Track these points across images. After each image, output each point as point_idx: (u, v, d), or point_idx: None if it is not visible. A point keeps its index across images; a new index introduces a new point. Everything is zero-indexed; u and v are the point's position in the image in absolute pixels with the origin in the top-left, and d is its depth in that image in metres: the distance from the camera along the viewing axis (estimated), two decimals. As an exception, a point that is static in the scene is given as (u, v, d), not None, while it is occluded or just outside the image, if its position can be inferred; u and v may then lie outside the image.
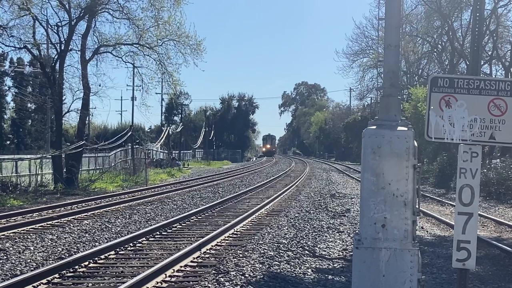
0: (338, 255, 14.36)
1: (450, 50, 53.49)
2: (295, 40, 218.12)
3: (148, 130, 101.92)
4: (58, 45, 37.09)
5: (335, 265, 13.28)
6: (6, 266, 12.76)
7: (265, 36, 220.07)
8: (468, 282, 6.22)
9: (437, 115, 6.30)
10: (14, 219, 20.50)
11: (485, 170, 31.19)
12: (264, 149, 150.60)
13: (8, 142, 67.97)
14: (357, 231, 7.08)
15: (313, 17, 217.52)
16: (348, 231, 18.07)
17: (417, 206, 6.79)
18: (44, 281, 11.27)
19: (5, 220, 20.28)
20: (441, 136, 6.32)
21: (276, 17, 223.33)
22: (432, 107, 6.31)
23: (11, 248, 14.89)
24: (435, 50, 58.70)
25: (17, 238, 16.64)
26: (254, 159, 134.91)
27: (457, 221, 6.18)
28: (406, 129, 6.89)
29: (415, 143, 6.86)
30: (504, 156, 34.50)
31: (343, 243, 15.99)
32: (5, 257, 13.74)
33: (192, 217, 21.06)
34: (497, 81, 6.36)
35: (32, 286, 10.85)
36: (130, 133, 53.87)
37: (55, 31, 37.09)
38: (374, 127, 6.94)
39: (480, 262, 13.07)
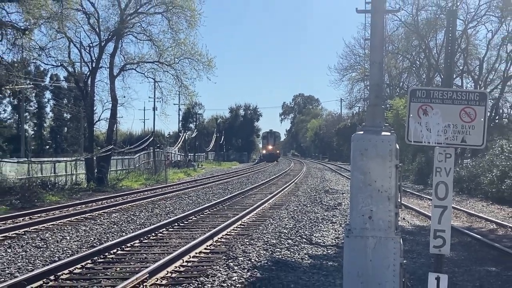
0: (331, 243, 14.37)
1: (426, 65, 53.55)
2: (293, 57, 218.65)
3: (167, 136, 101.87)
4: (90, 63, 37.37)
5: (328, 251, 13.29)
6: (46, 253, 12.81)
7: (268, 54, 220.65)
8: (443, 265, 6.21)
9: (415, 121, 6.30)
10: (53, 213, 20.56)
11: (458, 169, 31.17)
12: (264, 151, 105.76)
13: (47, 147, 68.05)
14: (347, 222, 7.07)
15: (309, 38, 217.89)
16: (340, 222, 18.08)
17: (399, 200, 6.80)
18: (79, 266, 11.31)
19: (44, 213, 20.34)
20: (419, 140, 6.32)
21: (278, 38, 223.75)
22: (411, 115, 6.31)
23: (50, 238, 14.94)
24: (413, 65, 58.67)
25: (55, 229, 16.69)
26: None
27: (433, 213, 6.18)
28: (389, 134, 6.90)
29: (397, 146, 6.86)
30: (474, 157, 34.41)
31: (336, 232, 16.00)
32: (45, 246, 13.79)
33: (205, 210, 21.10)
34: (467, 92, 6.37)
35: (69, 270, 10.88)
36: (152, 138, 53.94)
37: (87, 51, 37.35)
38: (362, 132, 6.95)
39: (453, 248, 13.04)
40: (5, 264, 11.63)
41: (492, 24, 46.72)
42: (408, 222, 19.33)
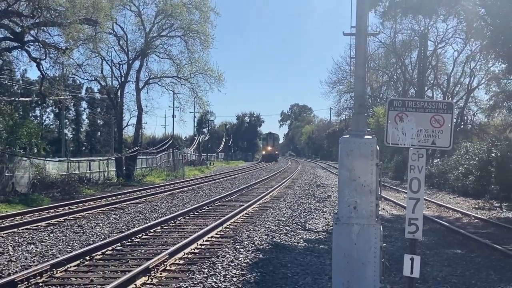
0: (322, 229, 14.37)
1: (402, 80, 53.77)
2: (290, 72, 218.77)
3: (184, 139, 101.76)
4: (119, 78, 37.57)
5: (320, 236, 13.29)
6: (83, 238, 12.86)
7: (269, 69, 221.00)
8: (416, 248, 6.21)
9: (393, 127, 6.30)
10: (88, 204, 20.60)
11: (429, 167, 31.16)
12: (264, 152, 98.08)
13: (83, 148, 68.19)
14: (336, 211, 7.07)
15: (304, 56, 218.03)
16: (329, 212, 18.07)
17: (379, 193, 6.79)
18: (110, 248, 11.34)
19: (81, 204, 20.39)
20: (396, 142, 6.32)
21: (278, 56, 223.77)
22: (389, 121, 6.31)
23: (86, 225, 14.98)
24: (391, 80, 58.78)
25: (90, 217, 16.74)
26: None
27: (408, 204, 6.17)
28: (371, 137, 6.89)
29: (377, 147, 6.86)
30: (443, 157, 34.38)
31: (326, 220, 16.00)
32: (81, 231, 13.82)
33: (216, 202, 21.10)
34: (437, 102, 6.38)
35: (101, 252, 10.92)
36: (171, 141, 53.99)
37: (117, 68, 37.51)
38: (348, 136, 6.96)
39: (425, 233, 13.02)
40: (48, 246, 11.68)
41: (457, 45, 47.05)
42: (387, 211, 19.31)
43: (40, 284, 8.40)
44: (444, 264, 10.82)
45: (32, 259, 10.28)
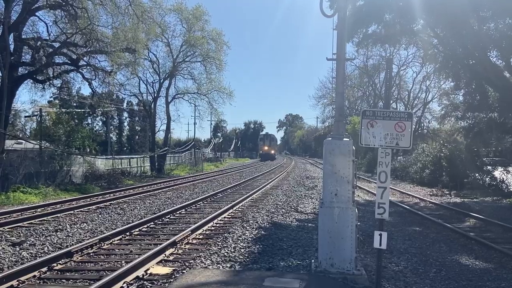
0: (311, 211, 14.34)
1: (373, 95, 53.73)
2: (286, 88, 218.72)
3: (203, 141, 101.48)
4: (153, 93, 37.63)
5: (309, 217, 13.27)
6: (124, 218, 12.86)
7: (269, 85, 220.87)
8: (384, 226, 6.19)
9: (366, 131, 6.29)
10: (128, 192, 20.61)
11: (394, 163, 31.10)
12: (261, 151, 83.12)
13: (125, 148, 68.17)
14: (321, 197, 7.06)
15: (297, 75, 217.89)
16: (316, 198, 18.03)
17: (355, 183, 6.79)
18: (145, 226, 11.36)
19: (123, 192, 20.41)
20: (368, 143, 6.31)
21: (276, 75, 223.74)
22: (363, 127, 6.30)
23: (126, 208, 14.99)
24: (364, 94, 58.75)
25: (130, 202, 16.75)
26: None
27: (378, 192, 6.16)
28: (348, 139, 6.90)
29: (353, 147, 6.86)
30: (404, 155, 34.31)
31: (313, 205, 15.96)
32: (123, 213, 13.84)
33: (228, 190, 21.09)
34: (399, 112, 6.36)
35: (139, 229, 10.92)
36: (193, 143, 54.03)
37: (151, 86, 37.59)
38: (330, 138, 6.96)
39: (391, 215, 13.00)
40: (97, 224, 11.70)
41: (416, 68, 47.50)
42: (361, 198, 19.25)
43: (91, 254, 8.41)
44: (406, 238, 10.79)
45: (85, 235, 10.29)
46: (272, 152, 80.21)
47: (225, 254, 8.27)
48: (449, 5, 15.46)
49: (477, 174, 23.69)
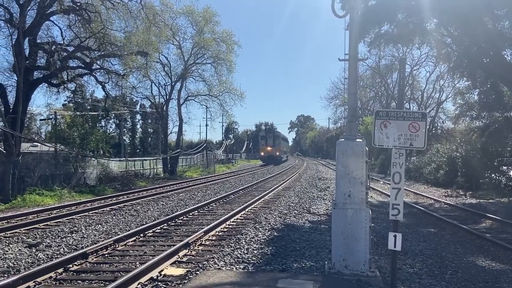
0: (323, 212, 14.28)
1: (385, 95, 53.35)
2: (297, 89, 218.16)
3: (215, 142, 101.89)
4: (165, 96, 37.92)
5: (321, 218, 13.21)
6: (138, 219, 12.97)
7: (280, 85, 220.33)
8: (398, 227, 6.14)
9: (379, 132, 6.25)
10: (142, 193, 20.78)
11: (407, 163, 30.79)
12: (262, 153, 63.24)
13: (138, 150, 68.71)
14: (334, 199, 7.03)
15: (308, 76, 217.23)
16: (329, 199, 17.95)
17: (368, 184, 6.75)
18: (159, 227, 11.43)
19: (136, 193, 20.59)
20: (382, 144, 6.26)
21: (287, 75, 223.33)
22: (376, 128, 6.26)
23: (140, 209, 15.11)
24: (377, 95, 58.36)
25: (143, 203, 16.88)
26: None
27: (392, 193, 6.11)
28: (361, 140, 6.86)
29: (366, 148, 6.82)
30: (418, 155, 33.96)
31: (326, 206, 15.90)
32: (137, 214, 13.96)
33: (240, 191, 21.11)
34: (413, 112, 6.30)
35: (152, 230, 11.00)
36: (205, 144, 54.21)
37: (163, 88, 37.87)
38: (343, 139, 6.93)
39: (405, 216, 12.85)
40: (111, 226, 11.82)
41: (429, 67, 47.00)
42: (374, 198, 19.11)
43: (106, 255, 8.51)
44: (420, 240, 10.68)
45: (100, 236, 10.41)
46: (277, 153, 60.65)
47: (238, 255, 8.28)
48: (462, 3, 15.29)
49: (493, 175, 23.32)
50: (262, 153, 63.25)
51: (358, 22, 7.68)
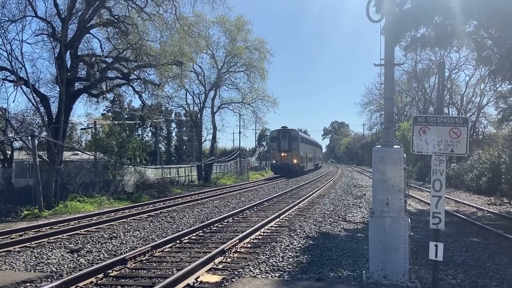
0: (359, 221, 14.02)
1: (422, 100, 52.10)
2: (331, 95, 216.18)
3: (248, 150, 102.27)
4: (199, 104, 38.54)
5: (358, 226, 12.97)
6: (174, 226, 13.17)
7: (314, 92, 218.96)
8: (439, 236, 5.94)
9: (418, 138, 6.09)
10: (177, 200, 21.13)
11: (448, 170, 29.80)
12: (274, 161, 47.06)
13: (173, 158, 69.95)
14: (371, 207, 6.89)
15: (342, 82, 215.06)
16: (365, 207, 17.62)
17: (406, 192, 6.58)
18: (194, 234, 11.56)
19: (172, 200, 20.96)
20: (421, 151, 6.10)
21: (322, 83, 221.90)
22: (414, 134, 6.11)
23: (176, 216, 15.34)
24: (413, 100, 57.04)
25: (179, 210, 17.14)
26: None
27: (432, 201, 5.93)
28: (398, 147, 6.71)
29: (404, 155, 6.66)
30: (459, 162, 32.81)
31: (362, 214, 15.61)
32: (173, 221, 14.18)
33: (274, 199, 21.07)
34: (454, 118, 6.12)
35: (188, 237, 11.13)
36: (238, 152, 54.56)
37: (197, 97, 38.54)
38: (380, 146, 6.80)
39: (446, 225, 12.35)
40: (149, 232, 12.06)
41: (469, 70, 45.33)
42: (412, 206, 18.56)
43: (144, 261, 8.68)
44: (463, 250, 10.27)
45: (138, 242, 10.64)
46: (295, 160, 44.80)
47: (274, 263, 8.24)
48: (502, 4, 14.71)
49: (540, 182, 22.17)
50: (274, 161, 46.81)
51: (394, 26, 7.55)
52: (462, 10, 15.88)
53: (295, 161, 45.04)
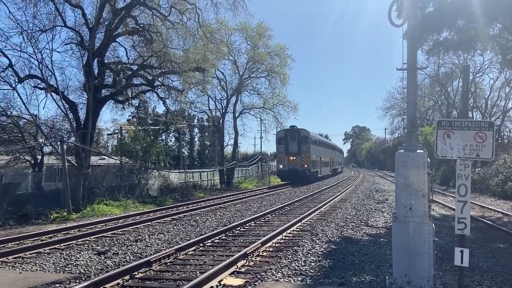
0: (382, 226, 13.80)
1: (445, 104, 51.09)
2: (352, 100, 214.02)
3: (269, 154, 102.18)
4: (221, 109, 38.77)
5: (380, 231, 12.77)
6: (197, 229, 13.25)
7: (335, 97, 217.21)
8: (465, 242, 5.80)
9: (442, 142, 5.97)
10: (200, 204, 21.26)
11: (473, 175, 29.03)
12: (281, 166, 39.47)
13: (196, 162, 70.51)
14: (394, 211, 6.78)
15: (363, 87, 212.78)
16: (387, 211, 17.34)
17: (430, 197, 6.45)
18: (217, 237, 11.59)
19: (195, 204, 21.10)
20: (445, 155, 5.98)
21: (343, 88, 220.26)
22: (438, 138, 6.00)
23: (199, 220, 15.44)
24: (436, 104, 55.97)
25: (202, 214, 17.24)
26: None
27: (457, 206, 5.80)
28: (422, 151, 6.59)
29: (428, 159, 6.54)
30: (484, 167, 31.95)
31: (385, 219, 15.37)
32: (196, 224, 14.27)
33: (295, 203, 20.96)
34: (479, 122, 5.98)
35: (211, 240, 11.17)
36: (259, 156, 54.57)
37: (219, 102, 38.77)
38: (403, 150, 6.69)
39: (471, 230, 12.02)
40: (172, 235, 12.17)
41: (493, 74, 44.12)
42: (436, 212, 18.16)
43: (168, 264, 8.77)
44: (489, 256, 9.98)
45: (162, 245, 10.76)
46: (305, 165, 38.68)
47: (296, 267, 8.20)
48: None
49: None
50: (281, 166, 39.98)
51: (416, 30, 7.44)
52: (485, 13, 15.53)
53: (305, 166, 38.68)
